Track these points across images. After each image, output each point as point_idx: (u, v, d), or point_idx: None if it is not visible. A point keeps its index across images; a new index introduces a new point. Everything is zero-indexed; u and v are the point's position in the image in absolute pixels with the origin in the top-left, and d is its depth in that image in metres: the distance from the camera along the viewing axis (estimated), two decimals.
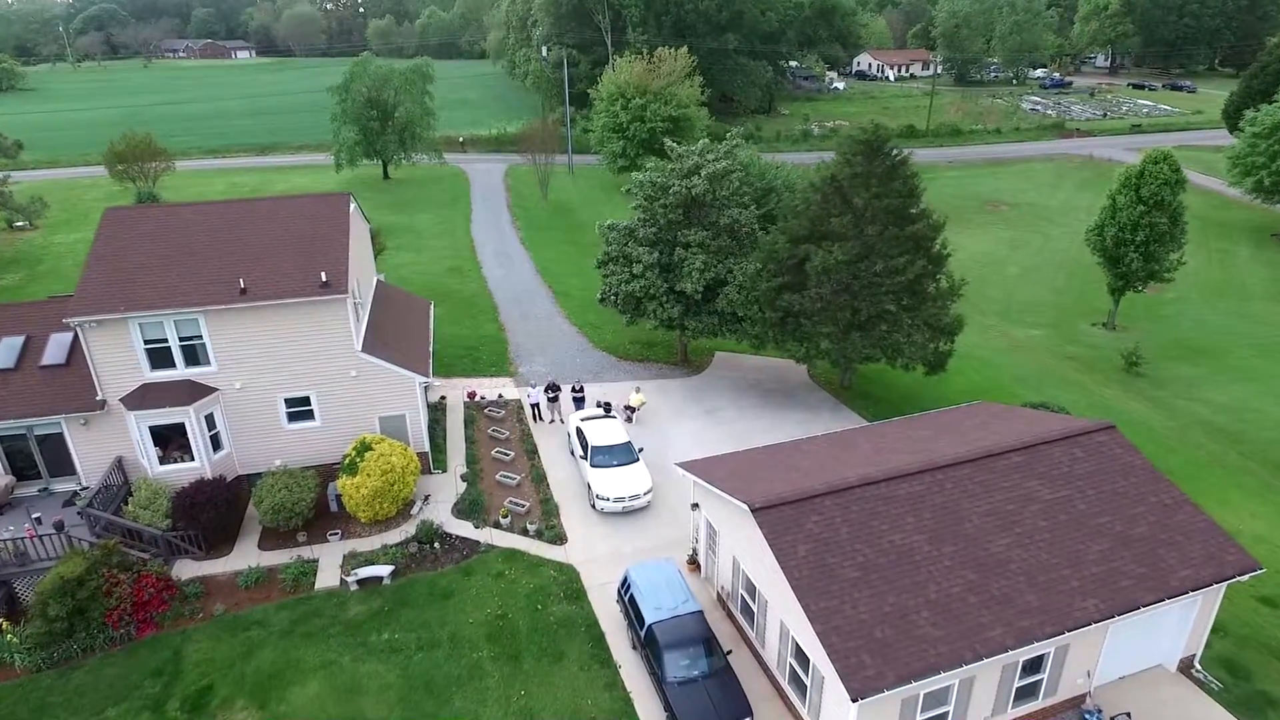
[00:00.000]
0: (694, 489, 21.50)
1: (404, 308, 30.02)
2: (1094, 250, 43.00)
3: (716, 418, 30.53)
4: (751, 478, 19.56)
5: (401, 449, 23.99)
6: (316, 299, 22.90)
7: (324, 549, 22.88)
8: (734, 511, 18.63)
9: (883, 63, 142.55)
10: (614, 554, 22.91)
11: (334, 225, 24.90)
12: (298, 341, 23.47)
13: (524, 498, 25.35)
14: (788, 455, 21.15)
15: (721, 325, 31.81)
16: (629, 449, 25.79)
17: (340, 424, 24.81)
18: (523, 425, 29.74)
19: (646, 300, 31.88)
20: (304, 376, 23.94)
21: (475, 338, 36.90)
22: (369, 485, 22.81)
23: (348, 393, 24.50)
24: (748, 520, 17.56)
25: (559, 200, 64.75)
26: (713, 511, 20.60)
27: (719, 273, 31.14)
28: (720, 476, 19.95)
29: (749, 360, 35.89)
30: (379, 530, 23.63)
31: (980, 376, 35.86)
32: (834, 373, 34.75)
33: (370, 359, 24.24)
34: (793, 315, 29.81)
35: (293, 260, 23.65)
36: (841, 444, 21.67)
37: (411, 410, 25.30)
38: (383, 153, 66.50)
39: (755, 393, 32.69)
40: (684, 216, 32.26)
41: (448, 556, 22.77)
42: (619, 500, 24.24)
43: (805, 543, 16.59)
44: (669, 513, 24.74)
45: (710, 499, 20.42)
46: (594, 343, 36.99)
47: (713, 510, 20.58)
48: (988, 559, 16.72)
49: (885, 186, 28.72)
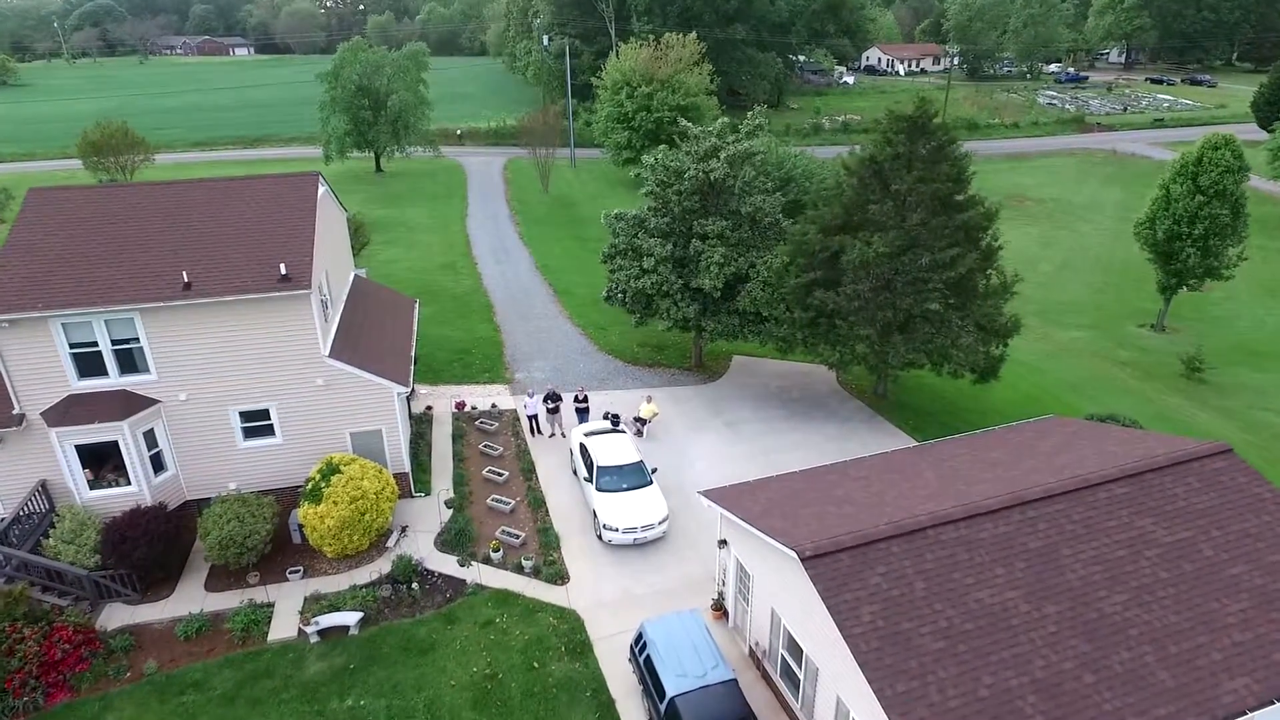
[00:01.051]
0: (721, 523, 18.03)
1: (384, 307, 26.54)
2: (1143, 245, 39.44)
3: (738, 431, 27.03)
4: (794, 513, 16.07)
5: (375, 471, 20.53)
6: (275, 295, 19.43)
7: (282, 590, 19.40)
8: (774, 555, 15.15)
9: (893, 57, 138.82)
10: (624, 597, 19.42)
11: (299, 210, 21.43)
12: (254, 345, 20.01)
13: (519, 527, 21.87)
14: (834, 483, 17.65)
15: (743, 326, 28.30)
16: (640, 470, 22.30)
17: (305, 441, 21.34)
18: (519, 440, 26.25)
19: (659, 298, 28.37)
20: (262, 386, 20.47)
21: (468, 340, 33.43)
22: (335, 515, 19.34)
23: (314, 405, 21.03)
24: (794, 570, 14.09)
25: (560, 194, 61.26)
26: (745, 551, 17.12)
27: (740, 267, 27.64)
28: (755, 511, 16.47)
29: (770, 365, 32.39)
30: (348, 567, 20.16)
31: (1027, 384, 32.33)
32: (866, 380, 31.23)
33: (340, 365, 20.77)
34: (825, 315, 26.29)
35: (248, 250, 20.19)
36: (897, 469, 18.16)
37: (389, 425, 21.82)
38: (374, 144, 63.00)
39: (779, 402, 29.19)
40: (701, 204, 28.77)
41: (428, 599, 19.28)
42: (629, 531, 20.75)
43: (871, 602, 13.09)
44: (688, 545, 21.25)
45: (742, 537, 16.94)
46: (599, 345, 33.50)
47: (745, 550, 17.10)
48: (1102, 623, 13.21)
49: (931, 169, 25.21)
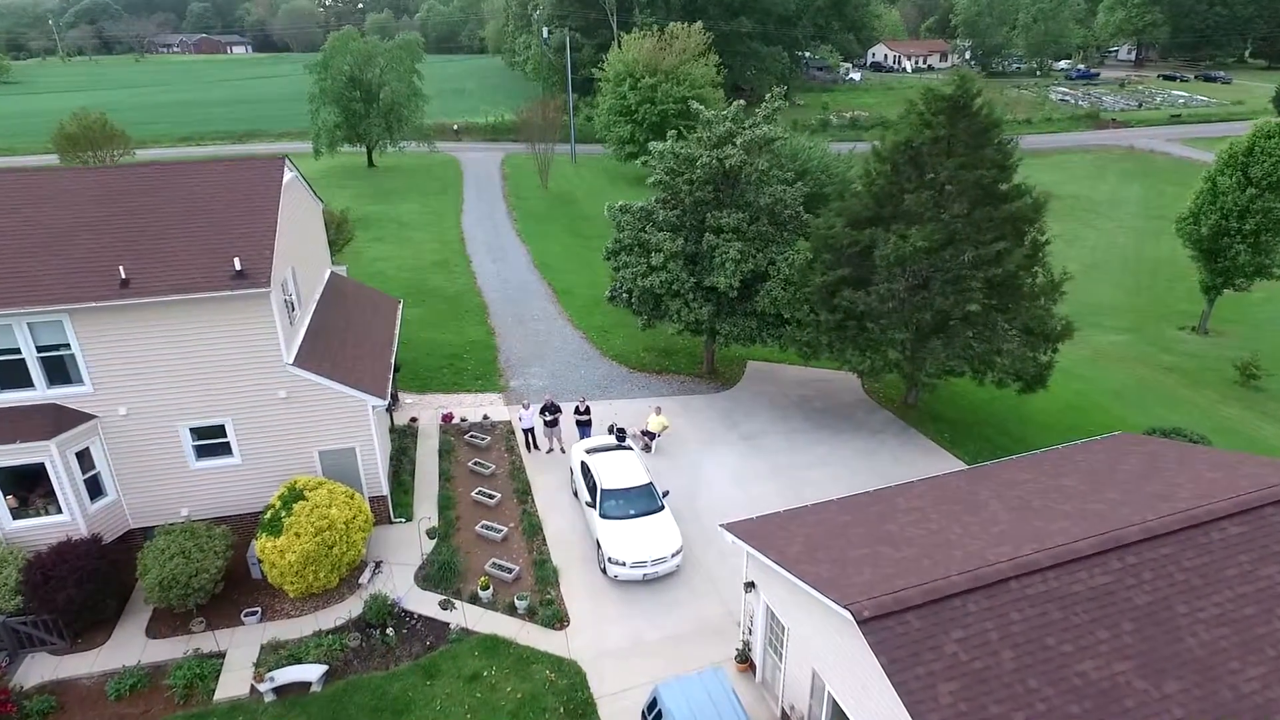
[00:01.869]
0: (748, 562, 15.32)
1: (363, 308, 23.85)
2: (1186, 242, 36.70)
3: (757, 446, 24.33)
4: (840, 555, 13.37)
5: (346, 496, 17.83)
6: (228, 294, 16.75)
7: (236, 637, 16.70)
8: (818, 609, 12.47)
9: (899, 53, 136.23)
10: (633, 644, 16.71)
11: (259, 198, 18.75)
12: (205, 352, 17.32)
13: (512, 558, 19.17)
14: (882, 516, 14.94)
15: (762, 330, 25.60)
16: (650, 494, 19.60)
17: (268, 462, 18.65)
18: (513, 456, 23.55)
19: (668, 298, 25.66)
20: (215, 399, 17.79)
21: (459, 344, 30.73)
22: (298, 549, 16.65)
23: (277, 420, 18.35)
24: (847, 632, 11.41)
25: (560, 190, 58.56)
26: (779, 599, 14.42)
27: (758, 264, 24.95)
28: (792, 552, 13.77)
29: (789, 371, 29.70)
30: (314, 608, 17.46)
31: (1067, 392, 29.60)
32: (894, 388, 28.54)
33: (306, 375, 18.08)
34: (854, 317, 23.59)
35: (198, 242, 17.51)
36: (954, 498, 15.45)
37: (363, 442, 19.13)
38: (366, 137, 60.31)
39: (802, 413, 26.49)
40: (714, 195, 26.07)
41: (405, 648, 16.57)
42: (638, 565, 18.04)
43: (949, 678, 10.39)
44: (705, 581, 18.55)
45: (775, 581, 14.25)
46: (601, 350, 30.81)
47: (779, 597, 14.40)
48: (1241, 706, 10.51)
49: (974, 154, 22.54)
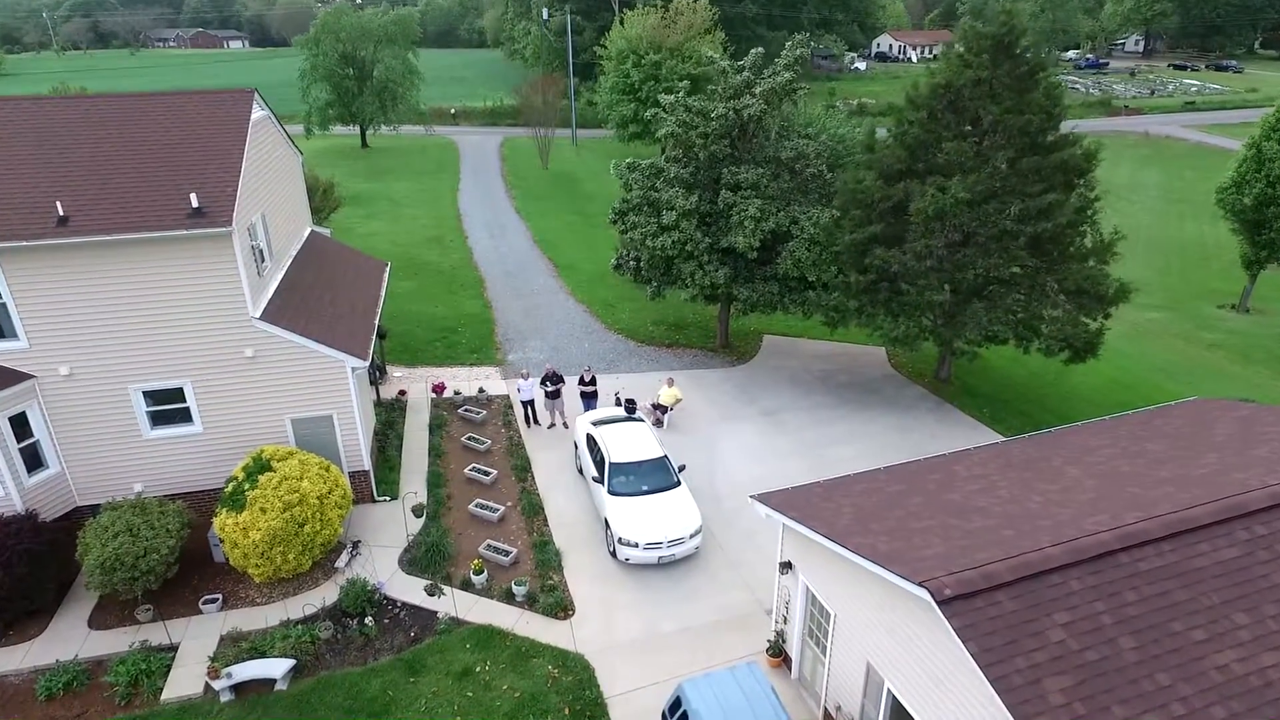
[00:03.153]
0: (784, 539, 13.17)
1: (344, 268, 21.69)
2: (1227, 214, 34.58)
3: (778, 422, 22.19)
4: (898, 526, 11.22)
5: (320, 467, 15.69)
6: (184, 233, 14.61)
7: (192, 626, 14.55)
8: (876, 589, 10.36)
9: (905, 43, 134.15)
10: (647, 636, 14.56)
11: (224, 132, 16.60)
12: (159, 303, 15.19)
13: (509, 540, 17.03)
14: (942, 484, 12.79)
15: (784, 295, 23.45)
16: (665, 468, 17.46)
17: (234, 430, 16.52)
18: (511, 432, 21.41)
19: (681, 260, 23.51)
20: (172, 357, 15.65)
21: (453, 317, 28.59)
22: (263, 526, 14.51)
23: (243, 383, 16.21)
24: (918, 615, 9.30)
25: (561, 171, 56.44)
26: (822, 580, 12.27)
27: (780, 223, 22.79)
28: (840, 524, 11.61)
29: (809, 345, 27.56)
30: (283, 594, 15.32)
31: (1110, 367, 27.46)
32: (923, 361, 26.40)
33: (274, 331, 15.93)
34: (887, 278, 21.48)
35: (151, 178, 15.37)
36: (1023, 464, 13.28)
37: (341, 409, 16.98)
38: (359, 115, 58.14)
39: (825, 388, 24.35)
40: (731, 150, 23.95)
41: (386, 640, 14.43)
42: (652, 547, 15.89)
43: (1058, 671, 8.24)
44: (727, 565, 16.41)
45: (818, 559, 12.11)
46: (606, 324, 28.67)
47: (822, 578, 12.25)
48: None
49: (1021, 99, 20.43)
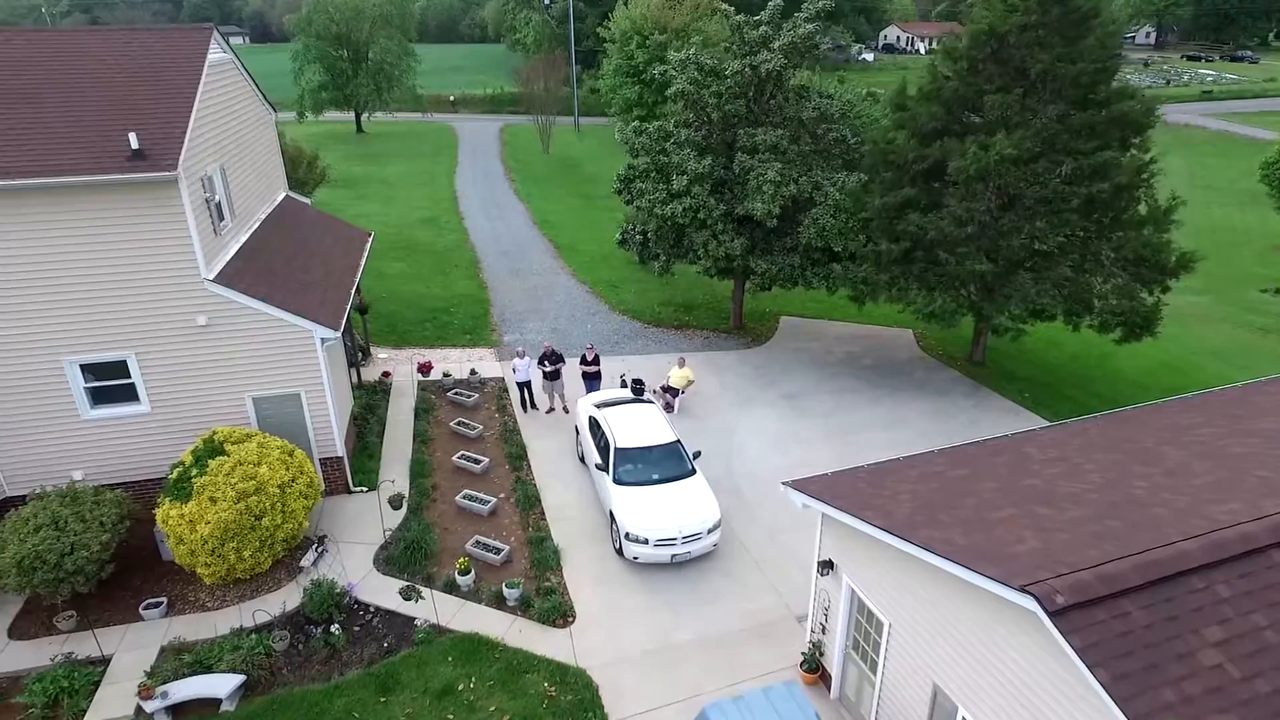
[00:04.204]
0: (823, 533, 11.09)
1: (321, 235, 19.63)
2: (1273, 190, 32.45)
3: (801, 407, 20.12)
4: (973, 516, 9.12)
5: (282, 451, 13.65)
6: (119, 177, 12.57)
7: (129, 636, 12.52)
8: (950, 596, 8.29)
9: (912, 35, 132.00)
10: (659, 647, 12.49)
11: (177, 70, 14.56)
12: (97, 262, 13.16)
13: (501, 535, 14.97)
14: (1012, 466, 10.68)
15: (805, 267, 21.38)
16: (678, 454, 15.39)
17: (186, 410, 14.48)
18: (505, 417, 19.35)
19: (693, 230, 21.44)
20: (114, 325, 13.62)
21: (446, 298, 26.54)
22: (213, 518, 12.47)
23: (195, 355, 14.17)
24: (1016, 629, 7.21)
25: (563, 155, 54.40)
26: (872, 581, 10.18)
27: (801, 189, 20.72)
28: (899, 512, 9.52)
29: (829, 327, 25.49)
30: (238, 598, 13.27)
31: (1159, 350, 25.34)
32: (954, 343, 24.34)
33: (230, 295, 13.89)
34: (923, 246, 19.40)
35: (88, 119, 13.34)
36: (1108, 445, 11.15)
37: (310, 386, 14.94)
38: (354, 99, 56.10)
39: (850, 371, 22.28)
40: (748, 110, 21.89)
41: (355, 651, 12.38)
42: (665, 544, 13.82)
43: (1218, 709, 6.18)
44: (750, 564, 14.34)
45: (869, 557, 10.03)
46: (611, 304, 26.61)
47: (872, 578, 10.16)
48: None
49: (1072, 46, 18.31)
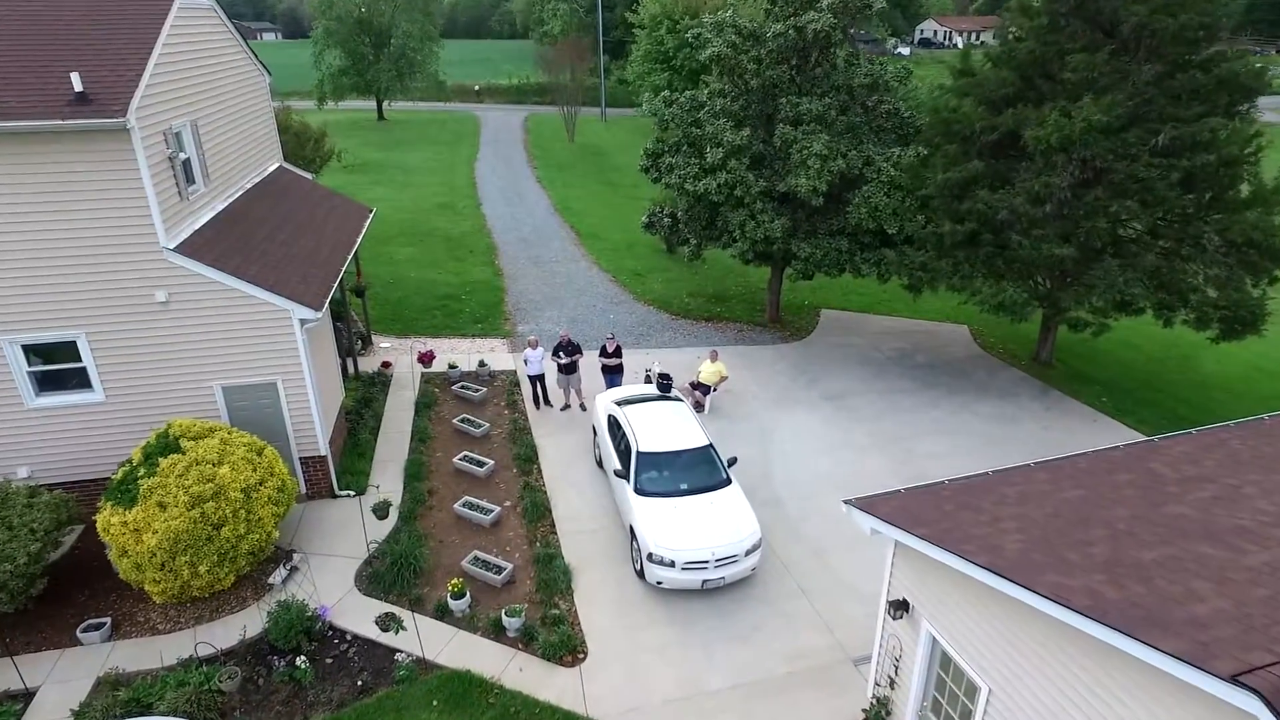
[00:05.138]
0: (894, 565, 8.86)
1: (314, 208, 17.71)
2: None
3: (847, 408, 17.85)
4: (1115, 558, 6.80)
5: (248, 449, 11.70)
6: (57, 124, 10.70)
7: (61, 663, 10.63)
8: (1083, 662, 6.03)
9: (950, 29, 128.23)
10: (689, 694, 10.34)
11: (138, 9, 12.69)
12: (37, 225, 11.31)
13: (504, 551, 12.92)
14: (1142, 488, 8.31)
15: (854, 252, 19.09)
16: (711, 460, 13.22)
17: (145, 399, 12.61)
18: (515, 414, 17.30)
19: (728, 208, 19.24)
20: (59, 301, 11.78)
21: (457, 284, 24.61)
22: (162, 527, 10.54)
23: (154, 336, 12.29)
24: None
25: (588, 143, 52.43)
26: (962, 631, 7.89)
27: (852, 163, 18.45)
28: (1008, 547, 7.22)
29: (875, 321, 23.18)
30: (195, 618, 11.34)
31: (1249, 352, 22.63)
32: (1016, 340, 21.91)
33: (193, 267, 11.97)
34: (991, 228, 17.04)
35: (27, 59, 11.50)
36: (1257, 461, 8.80)
37: (288, 376, 12.99)
38: (375, 84, 54.59)
39: (900, 370, 19.96)
40: (791, 77, 19.67)
41: (323, 689, 10.37)
42: (694, 567, 11.65)
43: None
44: (793, 591, 12.14)
45: (957, 599, 7.77)
46: (635, 294, 24.51)
47: (963, 628, 7.87)
48: None
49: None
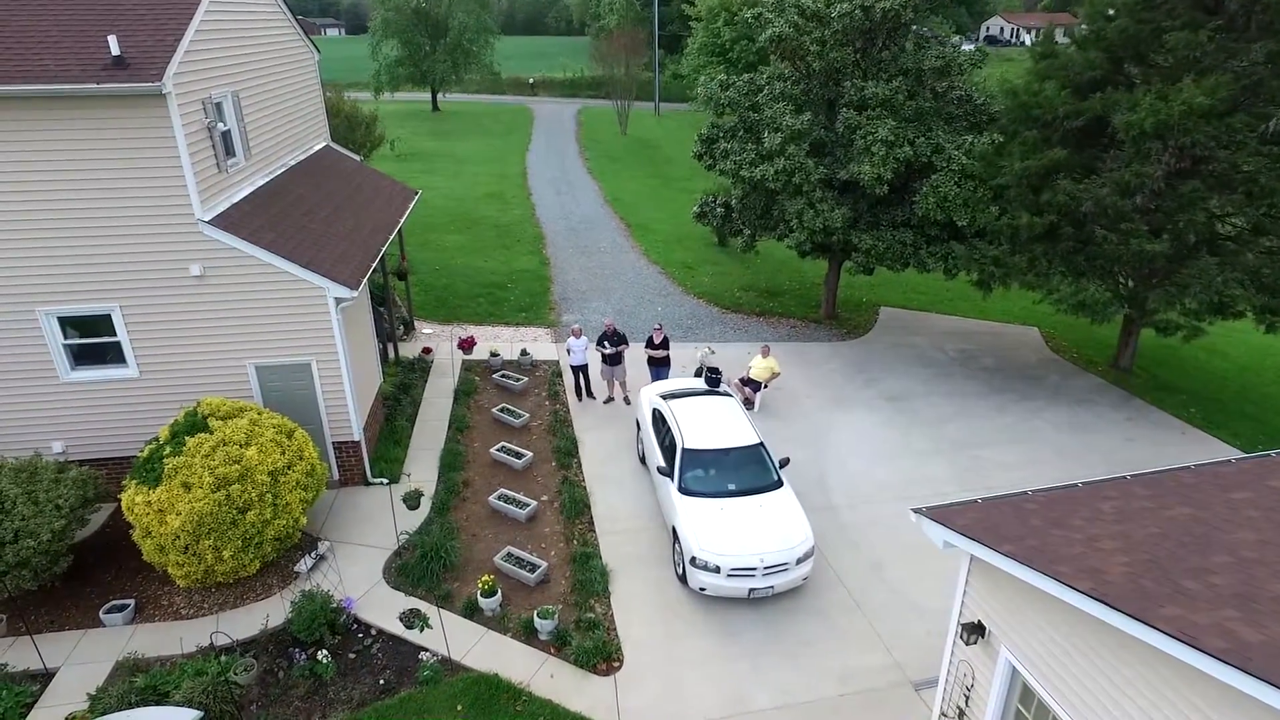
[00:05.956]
0: (968, 583, 7.87)
1: (356, 188, 17.32)
2: None
3: (907, 411, 16.75)
4: (1250, 590, 5.77)
5: (278, 431, 11.25)
6: (95, 87, 10.35)
7: (83, 645, 10.30)
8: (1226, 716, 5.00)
9: (1018, 26, 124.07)
10: (734, 715, 9.48)
11: None
12: (73, 193, 11.02)
13: (539, 548, 12.25)
14: (1265, 507, 7.24)
15: (920, 245, 17.95)
16: (761, 460, 12.34)
17: (179, 376, 12.28)
18: (557, 405, 16.65)
19: (786, 197, 18.29)
20: (94, 272, 11.49)
21: (504, 272, 24.12)
22: (186, 508, 10.13)
23: (189, 311, 11.94)
24: None
25: (641, 136, 51.71)
26: (1051, 664, 6.86)
27: (920, 150, 17.32)
28: (1109, 573, 6.25)
29: (937, 320, 21.95)
30: (220, 604, 10.93)
31: None
32: (1093, 345, 20.48)
33: (226, 239, 11.57)
34: (1074, 221, 15.77)
35: (64, 22, 11.21)
36: None
37: (322, 356, 12.53)
38: (430, 75, 54.79)
39: (966, 372, 18.75)
40: (857, 59, 18.63)
41: (344, 686, 9.83)
42: (741, 574, 10.80)
43: None
44: (848, 605, 11.19)
45: (1044, 624, 6.76)
46: (684, 287, 23.69)
47: (1052, 660, 6.85)
48: None
49: None
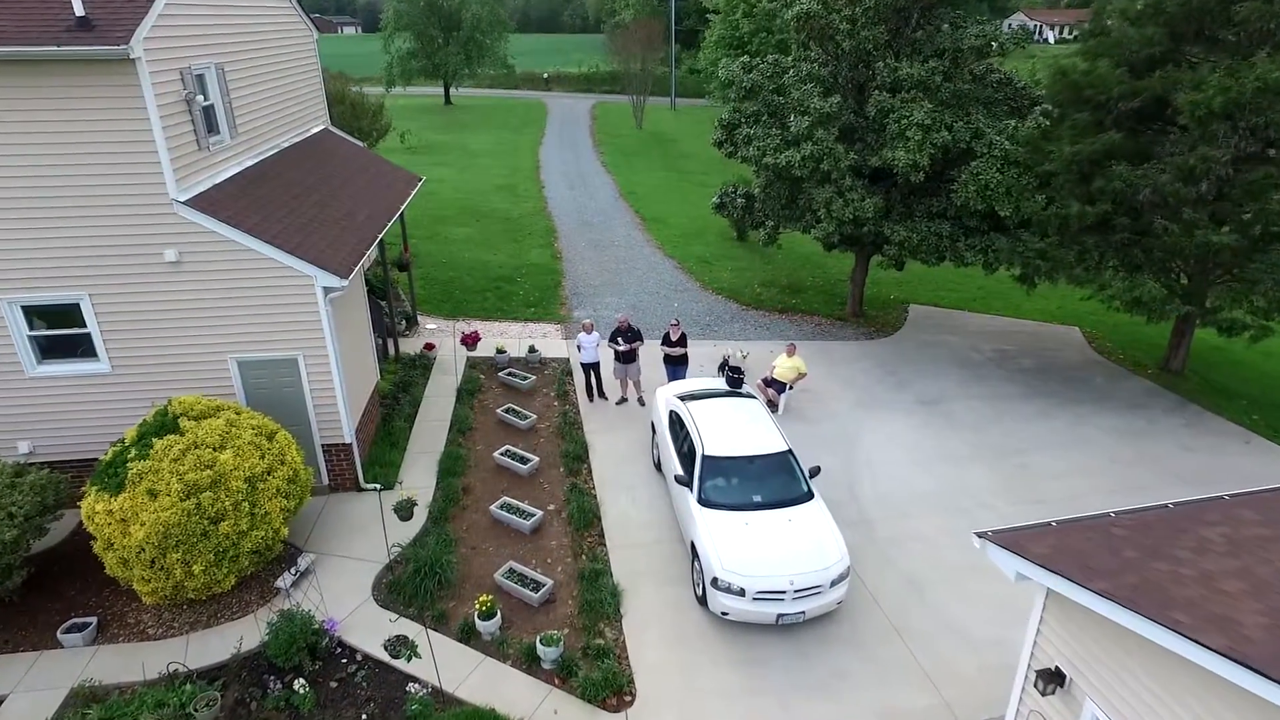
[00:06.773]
0: (1043, 620, 6.69)
1: (353, 172, 16.27)
2: None
3: (944, 415, 15.53)
4: None
5: (256, 432, 10.21)
6: (55, 49, 9.35)
7: (36, 668, 9.30)
8: None
9: (1041, 22, 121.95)
10: None
11: None
12: (36, 170, 10.04)
13: (545, 564, 11.15)
14: None
15: (958, 237, 16.73)
16: (789, 468, 11.17)
17: (154, 371, 11.28)
18: (566, 405, 15.55)
19: (813, 185, 17.10)
20: (61, 257, 10.51)
21: (513, 266, 23.07)
22: (151, 518, 9.11)
23: (164, 300, 10.94)
24: None
25: (657, 131, 50.61)
26: None
27: (958, 135, 16.09)
28: (1245, 624, 5.10)
29: (972, 319, 20.70)
30: (191, 623, 9.91)
31: None
32: (1141, 346, 19.18)
33: (203, 222, 10.55)
34: (1128, 210, 14.51)
35: None
36: None
37: (311, 350, 11.49)
38: (443, 68, 53.93)
39: (1004, 374, 17.50)
40: (889, 39, 17.43)
41: (324, 717, 8.75)
42: (769, 597, 9.64)
43: None
44: (885, 632, 10.02)
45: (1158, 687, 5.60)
46: (702, 282, 22.56)
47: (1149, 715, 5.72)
48: None
49: None
